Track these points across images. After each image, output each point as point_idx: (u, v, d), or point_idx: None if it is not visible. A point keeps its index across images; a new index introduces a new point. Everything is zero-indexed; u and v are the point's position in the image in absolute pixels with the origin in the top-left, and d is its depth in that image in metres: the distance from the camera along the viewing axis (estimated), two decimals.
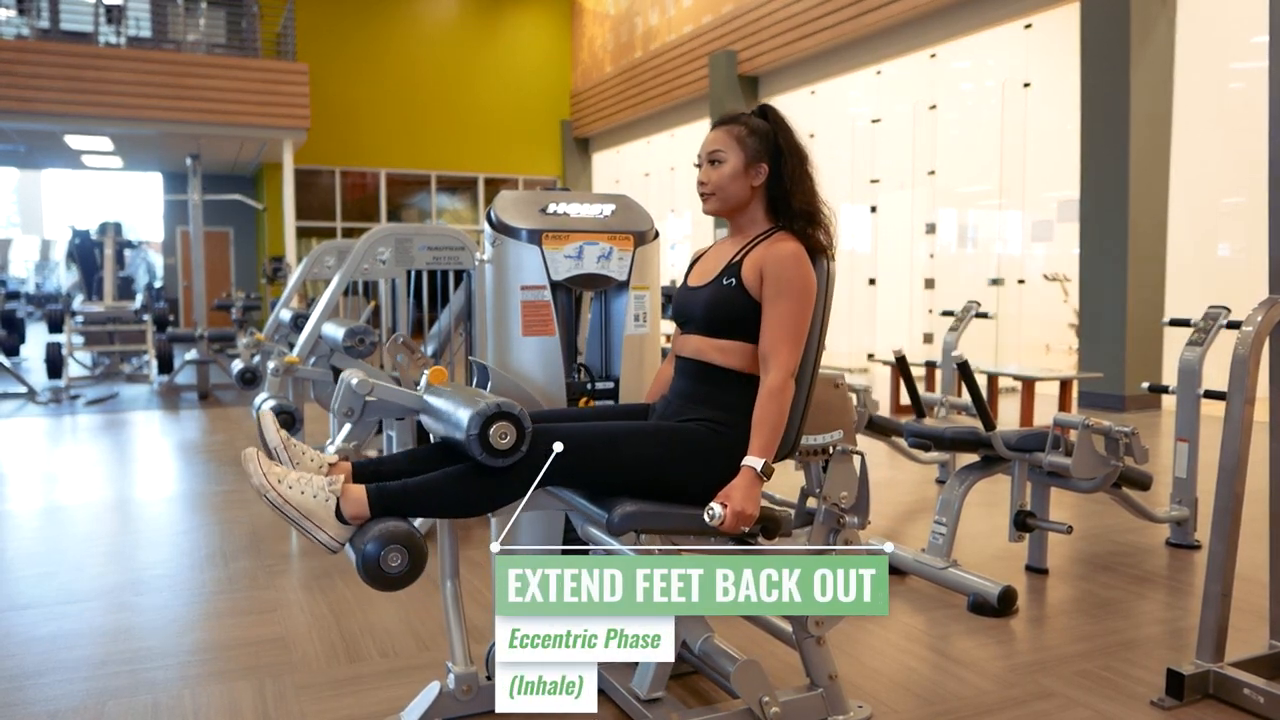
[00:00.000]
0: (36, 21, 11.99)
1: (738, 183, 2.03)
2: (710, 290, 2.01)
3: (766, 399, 1.87)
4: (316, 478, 1.78)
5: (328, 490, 1.75)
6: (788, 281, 1.90)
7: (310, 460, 1.87)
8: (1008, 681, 2.38)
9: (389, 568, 1.71)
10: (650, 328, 2.37)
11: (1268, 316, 2.23)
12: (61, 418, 7.00)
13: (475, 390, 1.99)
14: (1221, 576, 2.25)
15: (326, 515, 1.74)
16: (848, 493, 1.92)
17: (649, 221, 2.40)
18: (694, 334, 2.03)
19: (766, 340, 1.91)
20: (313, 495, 1.74)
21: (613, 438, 1.87)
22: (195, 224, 8.55)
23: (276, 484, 1.73)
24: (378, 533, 1.72)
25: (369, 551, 1.71)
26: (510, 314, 2.25)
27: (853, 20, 9.59)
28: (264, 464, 1.75)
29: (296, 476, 1.76)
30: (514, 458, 1.77)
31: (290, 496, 1.73)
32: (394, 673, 2.43)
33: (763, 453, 1.84)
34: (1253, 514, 2.35)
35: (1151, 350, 7.13)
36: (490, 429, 1.73)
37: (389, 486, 1.80)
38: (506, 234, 2.25)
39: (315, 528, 1.74)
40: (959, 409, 4.22)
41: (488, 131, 16.02)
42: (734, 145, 2.02)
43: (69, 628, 2.77)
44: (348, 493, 1.76)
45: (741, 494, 1.80)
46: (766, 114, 2.07)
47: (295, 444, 1.90)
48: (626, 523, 1.78)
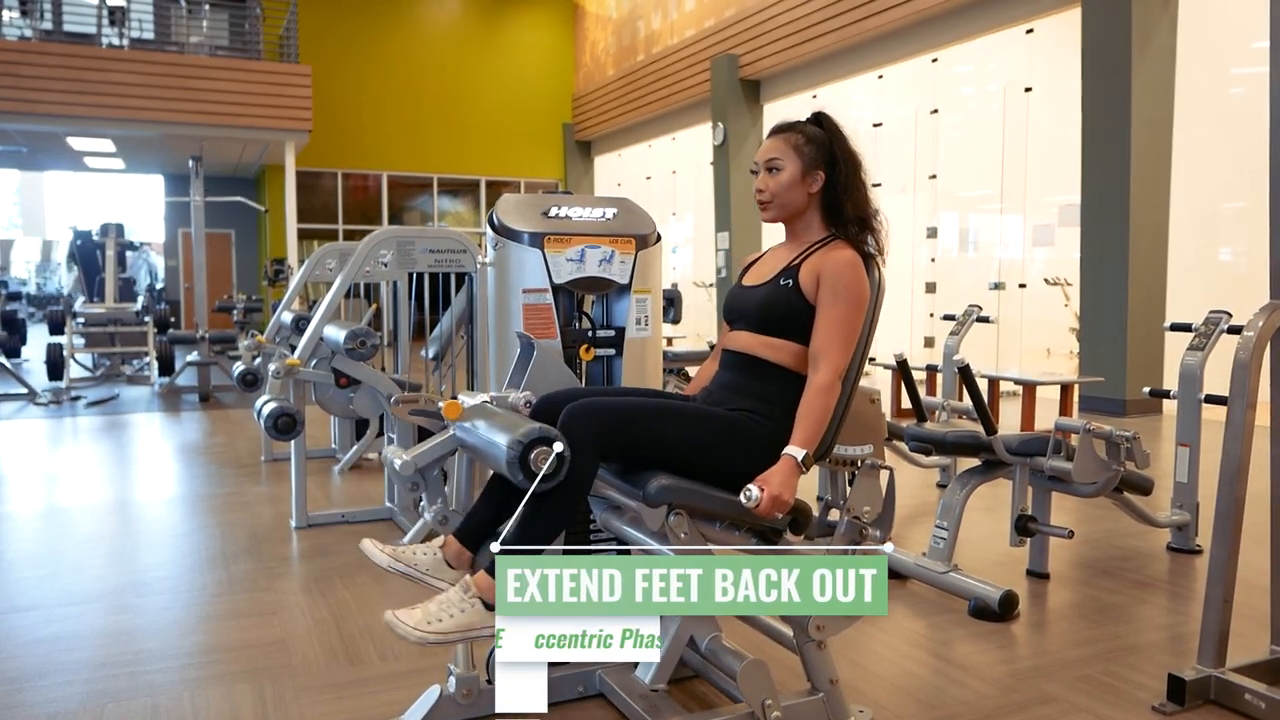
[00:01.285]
0: (39, 23, 12.00)
1: (795, 190, 2.07)
2: (766, 289, 2.06)
3: (814, 394, 1.91)
4: (451, 594, 1.80)
5: (466, 599, 1.78)
6: (845, 286, 1.95)
7: (424, 555, 1.91)
8: (1009, 686, 2.37)
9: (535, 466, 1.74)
10: (652, 331, 2.37)
11: (1269, 321, 2.23)
12: (62, 419, 7.01)
13: (501, 416, 1.94)
14: (1223, 581, 2.24)
15: (481, 616, 1.78)
16: (871, 507, 1.94)
17: (651, 225, 2.40)
18: (744, 330, 2.08)
19: (819, 340, 1.95)
20: (460, 611, 1.78)
21: (658, 412, 1.90)
22: (197, 226, 8.55)
23: (429, 627, 1.75)
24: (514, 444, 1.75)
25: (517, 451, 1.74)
26: (512, 317, 2.25)
27: (855, 24, 9.60)
28: (407, 617, 1.76)
29: (437, 607, 1.78)
30: (557, 480, 1.77)
31: (451, 627, 1.76)
32: (394, 676, 2.43)
33: (805, 444, 1.88)
34: (1254, 519, 2.34)
35: (1153, 355, 7.13)
36: (530, 457, 1.73)
37: None
38: (508, 237, 2.25)
39: (481, 631, 1.78)
40: (960, 413, 4.22)
41: (490, 134, 16.03)
42: (791, 153, 2.06)
43: (69, 630, 2.77)
44: (480, 584, 1.79)
45: (780, 479, 1.83)
46: (821, 121, 2.11)
47: (403, 551, 1.92)
48: (663, 495, 1.80)
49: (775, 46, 10.81)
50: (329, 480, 4.93)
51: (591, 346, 2.32)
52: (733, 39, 11.58)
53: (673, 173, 14.02)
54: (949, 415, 4.05)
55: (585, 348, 2.31)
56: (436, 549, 1.93)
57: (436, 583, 1.88)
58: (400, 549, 1.93)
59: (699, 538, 1.88)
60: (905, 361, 4.11)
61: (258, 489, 4.70)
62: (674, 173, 14.00)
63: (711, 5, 12.30)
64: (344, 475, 5.05)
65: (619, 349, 2.34)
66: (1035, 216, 9.26)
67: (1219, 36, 7.53)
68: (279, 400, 3.74)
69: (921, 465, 4.66)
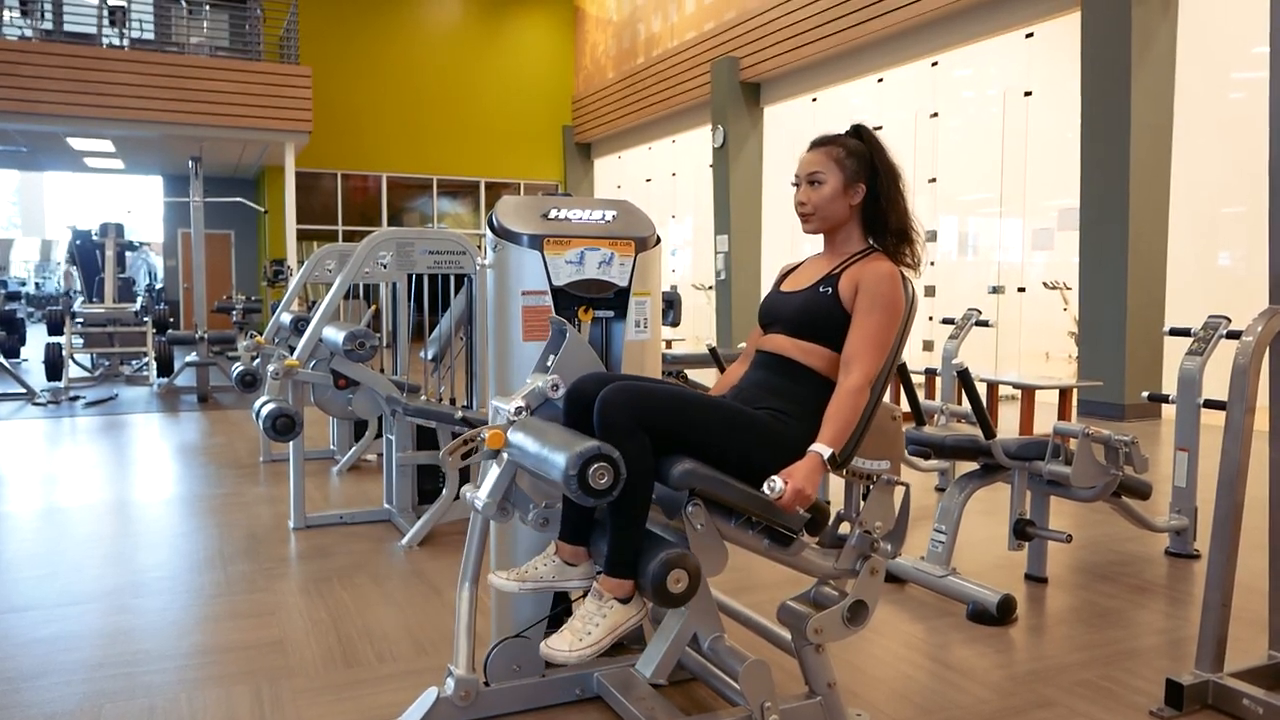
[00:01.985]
0: (40, 23, 12.00)
1: (837, 203, 2.09)
2: (805, 295, 2.09)
3: (844, 395, 1.93)
4: (589, 606, 1.86)
5: (604, 605, 1.85)
6: (882, 296, 1.98)
7: (545, 566, 1.96)
8: (1007, 690, 2.37)
9: (674, 589, 1.78)
10: (651, 334, 2.37)
11: (1268, 326, 2.23)
12: (61, 419, 7.00)
13: (557, 434, 1.92)
14: (1221, 586, 2.24)
15: (621, 616, 1.85)
16: (883, 522, 1.95)
17: (650, 227, 2.40)
18: (779, 333, 2.10)
19: (852, 345, 1.98)
20: (602, 617, 1.84)
21: (687, 400, 1.92)
22: (196, 226, 8.55)
23: (584, 642, 1.81)
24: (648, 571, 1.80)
25: (656, 576, 1.78)
26: (511, 319, 2.25)
27: (855, 28, 9.61)
28: (559, 643, 1.82)
29: (581, 622, 1.84)
30: (612, 496, 1.78)
31: (601, 634, 1.82)
32: (391, 678, 2.43)
33: (833, 442, 1.89)
34: (1252, 523, 2.35)
35: (1151, 359, 7.13)
36: (589, 473, 1.74)
37: (610, 557, 1.86)
38: (508, 239, 2.25)
39: (631, 623, 1.85)
40: (959, 417, 4.22)
41: (489, 136, 16.04)
42: (833, 166, 2.08)
43: (67, 630, 2.76)
44: (609, 587, 1.85)
45: (804, 474, 1.84)
46: (861, 134, 2.13)
47: (525, 570, 1.96)
48: (686, 479, 1.81)
49: (775, 49, 10.82)
50: (327, 481, 4.93)
51: (590, 307, 2.29)
52: (733, 42, 11.59)
53: (672, 175, 14.03)
54: (948, 419, 4.05)
55: (584, 308, 2.28)
56: (552, 556, 1.98)
57: (570, 584, 1.95)
58: (523, 570, 1.97)
59: (714, 531, 1.88)
60: (904, 365, 4.10)
61: (256, 490, 4.70)
62: (674, 175, 14.00)
63: (712, 8, 12.31)
64: (342, 476, 5.05)
65: (619, 310, 2.31)
66: (1034, 220, 9.26)
67: (1218, 41, 7.53)
68: (278, 401, 3.74)
69: (920, 469, 4.66)
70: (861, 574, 1.94)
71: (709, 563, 1.88)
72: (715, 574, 1.92)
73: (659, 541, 1.86)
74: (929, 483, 4.76)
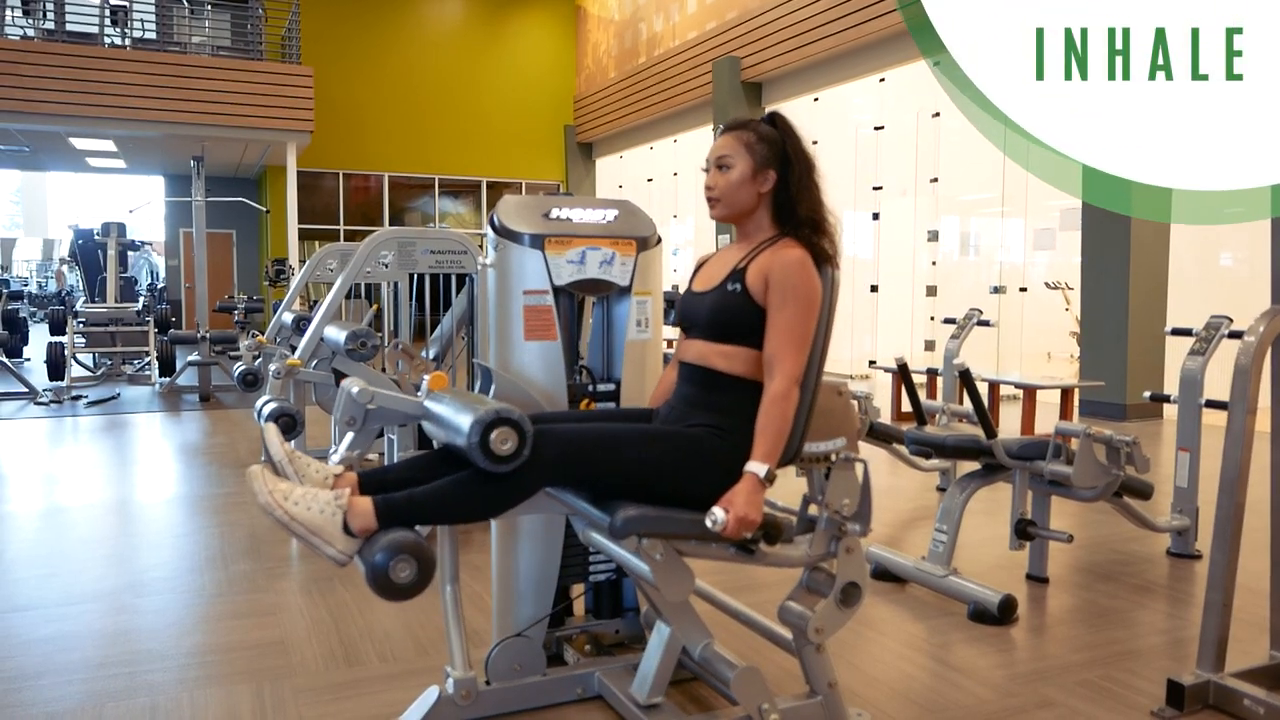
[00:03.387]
0: (42, 22, 12.01)
1: (745, 189, 2.02)
2: (715, 295, 2.00)
3: (770, 405, 1.86)
4: (322, 493, 1.78)
5: (334, 505, 1.75)
6: (793, 288, 1.90)
7: (316, 472, 1.87)
8: (1008, 690, 2.37)
9: (398, 578, 1.71)
10: (652, 333, 2.37)
11: (1270, 327, 2.23)
12: (63, 419, 7.01)
13: (476, 396, 1.98)
14: (1222, 586, 2.24)
15: (334, 530, 1.75)
16: (849, 500, 1.90)
17: (652, 227, 2.40)
18: (698, 339, 2.03)
19: (771, 346, 1.90)
20: (319, 511, 1.74)
21: (616, 440, 1.87)
22: (198, 226, 8.56)
23: (283, 501, 1.74)
24: (385, 544, 1.72)
25: (377, 563, 1.71)
26: (512, 319, 2.25)
27: (856, 28, 9.60)
28: (269, 481, 1.75)
29: (302, 492, 1.77)
30: (516, 463, 1.77)
31: (297, 514, 1.73)
32: (393, 677, 2.43)
33: (766, 458, 1.83)
34: (1254, 524, 2.34)
35: (1153, 359, 7.12)
36: (491, 435, 1.73)
37: (395, 498, 1.80)
38: (509, 239, 2.25)
39: (323, 543, 1.74)
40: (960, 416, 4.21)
41: (491, 136, 16.03)
42: (742, 151, 2.02)
43: (68, 629, 2.77)
44: (354, 506, 1.77)
45: (744, 499, 1.78)
46: (775, 121, 2.06)
47: (300, 457, 1.89)
48: (628, 526, 1.77)
49: (777, 49, 10.81)
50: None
51: (592, 400, 2.34)
52: (734, 41, 11.59)
53: (674, 175, 14.02)
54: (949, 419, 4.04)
55: (586, 401, 2.33)
56: (331, 474, 1.88)
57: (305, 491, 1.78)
58: (300, 454, 1.89)
59: (675, 555, 1.83)
60: (906, 365, 4.11)
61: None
62: (675, 175, 14.00)
63: (713, 8, 12.30)
64: None
65: (618, 402, 2.35)
66: (1036, 220, 9.26)
67: None
68: (279, 400, 3.75)
69: (921, 469, 4.66)
70: (840, 556, 1.90)
71: (676, 588, 1.84)
72: (683, 598, 1.89)
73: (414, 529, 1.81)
74: (930, 482, 4.76)
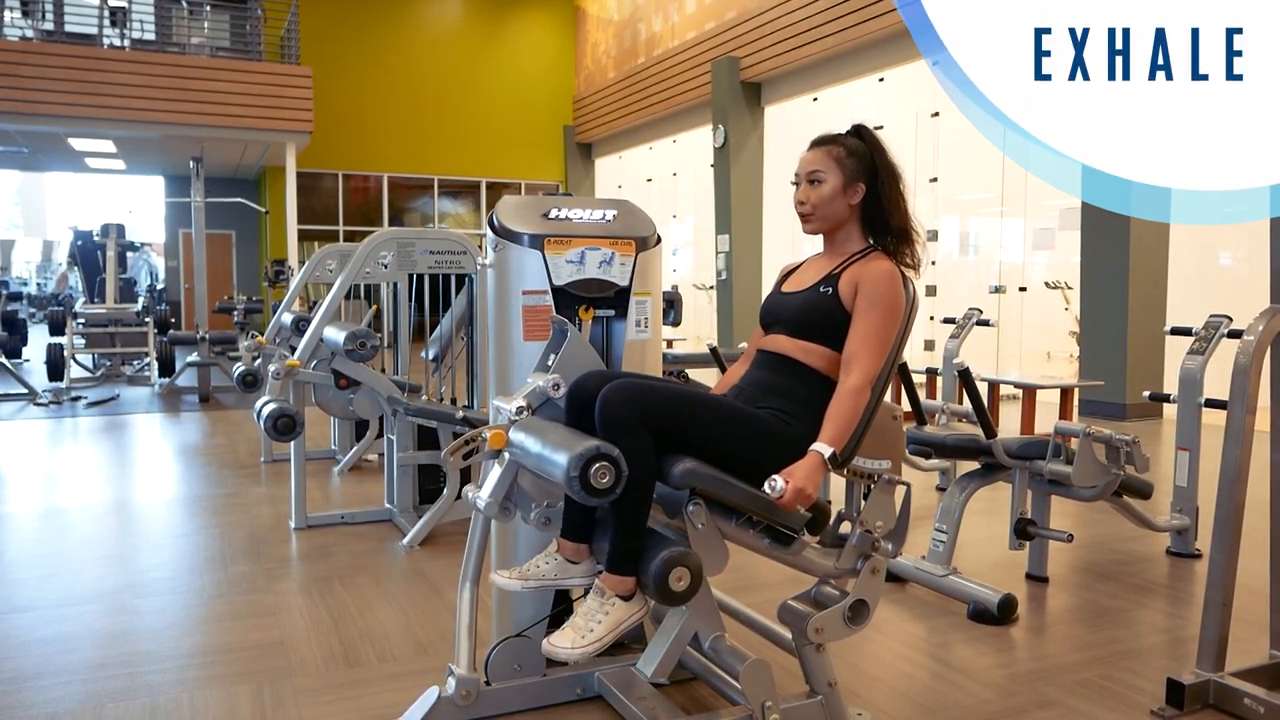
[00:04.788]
0: (41, 23, 12.01)
1: (837, 202, 2.09)
2: (806, 295, 2.09)
3: (845, 395, 1.93)
4: (591, 603, 1.87)
5: (606, 603, 1.85)
6: (882, 295, 1.99)
7: (547, 564, 1.96)
8: (1008, 690, 2.37)
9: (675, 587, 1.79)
10: (651, 333, 2.37)
11: (1269, 326, 2.23)
12: (62, 420, 7.01)
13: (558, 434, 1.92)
14: (1222, 586, 2.24)
15: (626, 609, 1.86)
16: (884, 521, 1.95)
17: (651, 227, 2.40)
18: (781, 334, 2.10)
19: (853, 345, 1.98)
20: (606, 614, 1.84)
21: (689, 397, 1.92)
22: (198, 227, 8.55)
23: (586, 640, 1.82)
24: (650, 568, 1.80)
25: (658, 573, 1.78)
26: (511, 319, 2.25)
27: (856, 27, 9.59)
28: (561, 641, 1.83)
29: (583, 620, 1.85)
30: (614, 495, 1.77)
31: (604, 631, 1.83)
32: (392, 678, 2.43)
33: (834, 441, 1.90)
34: (1253, 524, 2.34)
35: (1153, 359, 7.12)
36: (590, 474, 1.74)
37: (611, 553, 1.87)
38: (508, 239, 2.25)
39: (633, 620, 1.86)
40: (960, 416, 4.21)
41: (490, 136, 16.02)
42: (833, 166, 2.08)
43: (68, 630, 2.77)
44: (611, 584, 1.86)
45: (805, 473, 1.84)
46: (862, 134, 2.13)
47: (526, 569, 1.96)
48: (687, 478, 1.82)
49: (776, 49, 10.81)
50: (328, 481, 4.93)
51: (590, 306, 2.28)
52: (734, 41, 11.58)
53: (673, 175, 14.02)
54: (949, 418, 4.04)
55: (584, 307, 2.27)
56: (554, 554, 1.98)
57: (572, 582, 1.95)
58: (525, 569, 1.97)
59: (714, 531, 1.88)
60: (905, 364, 4.10)
61: (257, 490, 4.70)
62: (675, 175, 14.00)
63: (712, 8, 12.30)
64: (343, 476, 5.05)
65: (619, 309, 2.31)
66: (1036, 220, 9.25)
67: None
68: (279, 401, 3.74)
69: (921, 468, 4.66)
70: (862, 573, 1.94)
71: (710, 562, 1.88)
72: (716, 573, 1.92)
73: (661, 539, 1.86)
74: (930, 482, 4.76)
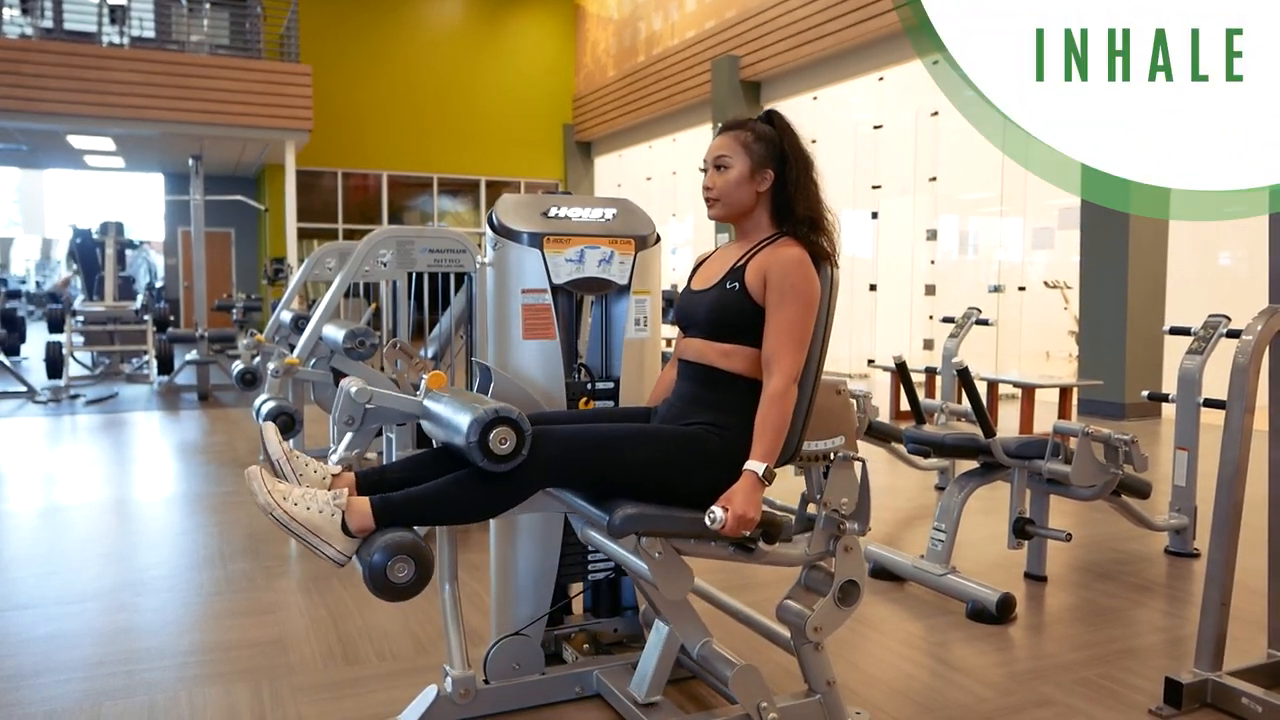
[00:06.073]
0: (40, 21, 12.00)
1: (743, 188, 2.02)
2: (714, 294, 2.01)
3: (769, 404, 1.86)
4: (321, 493, 1.79)
5: (333, 505, 1.77)
6: (791, 286, 1.90)
7: (314, 472, 1.88)
8: (1006, 689, 2.38)
9: (396, 578, 1.72)
10: (651, 332, 2.37)
11: (1268, 325, 2.23)
12: (61, 417, 7.00)
13: (475, 395, 1.98)
14: (1220, 585, 2.25)
15: (333, 530, 1.76)
16: (848, 499, 1.90)
17: (650, 226, 2.40)
18: (697, 337, 2.03)
19: (770, 345, 1.90)
20: (318, 510, 1.76)
21: (614, 439, 1.88)
22: (197, 224, 8.55)
23: (281, 501, 1.75)
24: (383, 544, 1.73)
25: (375, 563, 1.72)
26: (511, 317, 2.25)
27: (855, 26, 9.60)
28: (268, 481, 1.76)
29: (301, 493, 1.78)
30: (514, 462, 1.78)
31: (296, 513, 1.74)
32: (392, 675, 2.43)
33: (765, 457, 1.83)
34: (1252, 523, 2.35)
35: (1151, 358, 7.13)
36: (490, 434, 1.74)
37: (393, 497, 1.81)
38: (508, 237, 2.25)
39: (322, 543, 1.76)
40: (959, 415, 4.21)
41: (490, 135, 16.02)
42: (740, 151, 2.02)
43: (67, 628, 2.77)
44: (352, 506, 1.78)
45: (743, 498, 1.78)
46: (773, 120, 2.06)
47: (298, 456, 1.90)
48: (627, 525, 1.77)
49: (776, 48, 10.81)
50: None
51: (591, 399, 2.33)
52: (733, 40, 11.58)
53: (673, 174, 14.02)
54: (947, 418, 4.05)
55: (585, 400, 2.33)
56: (329, 474, 1.89)
57: (304, 491, 1.79)
58: (298, 453, 1.90)
59: (674, 554, 1.83)
60: (904, 364, 4.11)
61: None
62: (674, 174, 14.00)
63: (712, 6, 12.30)
64: None
65: (617, 401, 2.34)
66: (1035, 219, 9.26)
67: None
68: (278, 399, 3.75)
69: (920, 467, 4.66)
70: (839, 554, 1.90)
71: (675, 586, 1.84)
72: (681, 596, 1.89)
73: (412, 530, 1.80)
74: (929, 481, 4.77)
